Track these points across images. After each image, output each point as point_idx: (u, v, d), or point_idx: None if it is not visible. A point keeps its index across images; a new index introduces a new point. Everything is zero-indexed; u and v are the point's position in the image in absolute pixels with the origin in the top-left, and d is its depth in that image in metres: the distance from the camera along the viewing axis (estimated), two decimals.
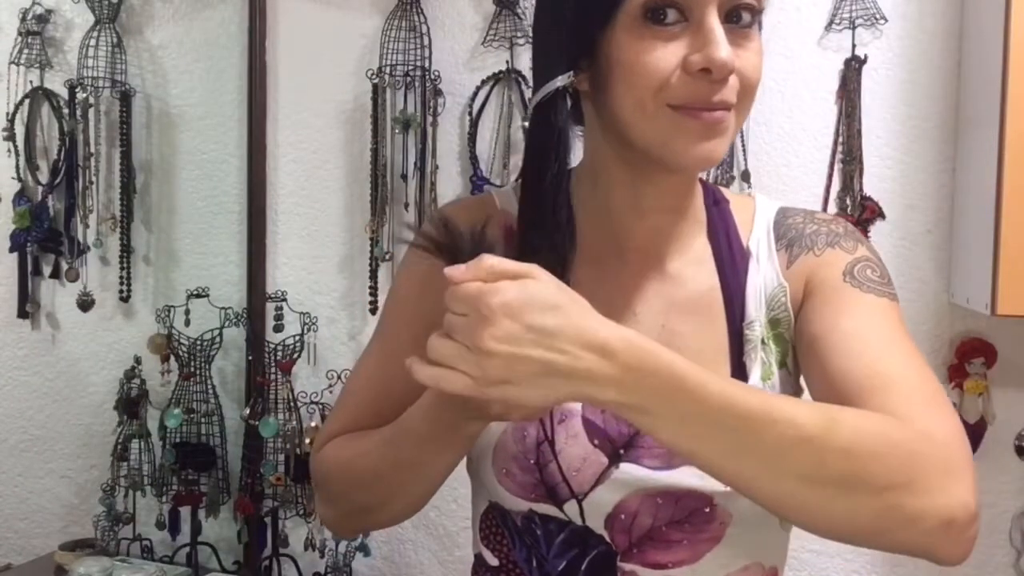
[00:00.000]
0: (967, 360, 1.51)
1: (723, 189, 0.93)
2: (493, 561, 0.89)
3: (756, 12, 0.78)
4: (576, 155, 0.90)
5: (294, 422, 1.81)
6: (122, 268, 1.94)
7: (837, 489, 0.66)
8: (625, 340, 0.64)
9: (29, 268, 2.01)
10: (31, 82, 1.99)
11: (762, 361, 0.84)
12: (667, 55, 0.75)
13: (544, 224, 0.79)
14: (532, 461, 0.82)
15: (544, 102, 0.79)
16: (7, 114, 1.98)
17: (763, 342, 0.84)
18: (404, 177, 1.76)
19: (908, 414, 0.70)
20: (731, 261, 0.87)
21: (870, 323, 0.79)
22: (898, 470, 0.66)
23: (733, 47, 0.75)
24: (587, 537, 0.83)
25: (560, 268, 0.75)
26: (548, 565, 0.85)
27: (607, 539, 0.83)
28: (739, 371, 0.83)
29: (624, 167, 0.84)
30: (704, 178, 0.93)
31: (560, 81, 0.78)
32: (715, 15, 0.74)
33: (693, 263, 0.87)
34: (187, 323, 1.86)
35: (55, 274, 2.01)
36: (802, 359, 0.84)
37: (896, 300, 0.83)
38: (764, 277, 0.86)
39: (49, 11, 1.98)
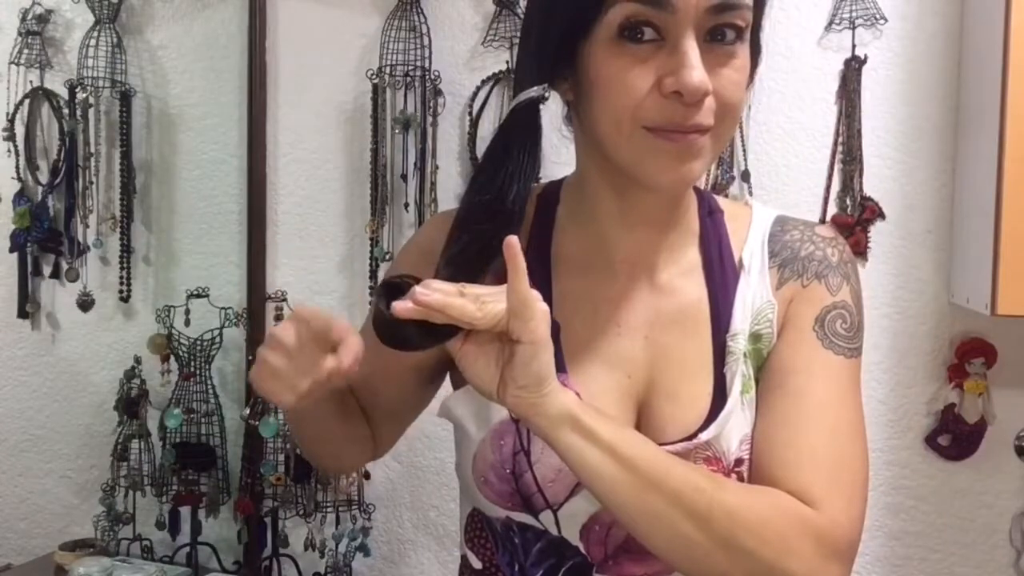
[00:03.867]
0: (967, 360, 1.51)
1: (719, 198, 0.92)
2: (477, 564, 0.89)
3: (741, 30, 0.75)
4: (563, 166, 0.89)
5: None
6: (122, 268, 1.93)
7: (716, 546, 0.71)
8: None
9: (29, 268, 2.01)
10: (31, 82, 1.99)
11: (743, 374, 0.82)
12: (642, 75, 0.73)
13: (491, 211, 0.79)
14: (508, 471, 0.82)
15: (521, 108, 0.78)
16: (7, 114, 1.98)
17: (745, 355, 0.83)
18: (404, 177, 1.76)
19: (811, 495, 0.75)
20: (721, 273, 0.86)
21: (816, 387, 0.81)
22: (774, 545, 0.72)
23: (713, 67, 0.73)
24: (563, 548, 0.83)
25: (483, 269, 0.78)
26: (528, 572, 0.85)
27: (583, 550, 0.83)
28: (720, 383, 0.82)
29: (607, 179, 0.83)
30: (703, 181, 0.92)
31: (535, 91, 0.78)
32: (691, 37, 0.72)
33: (683, 274, 0.86)
34: (187, 323, 1.86)
35: (55, 274, 2.01)
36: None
37: (856, 356, 0.83)
38: (753, 292, 0.85)
39: (49, 11, 1.98)
